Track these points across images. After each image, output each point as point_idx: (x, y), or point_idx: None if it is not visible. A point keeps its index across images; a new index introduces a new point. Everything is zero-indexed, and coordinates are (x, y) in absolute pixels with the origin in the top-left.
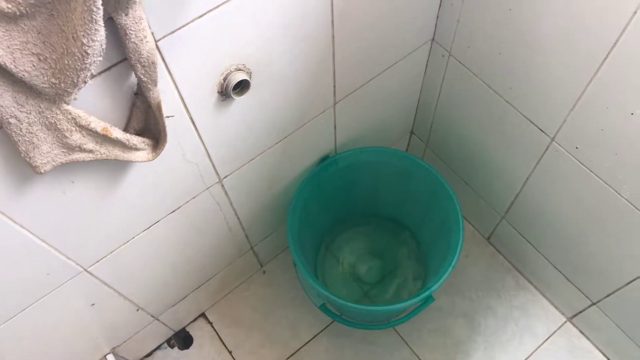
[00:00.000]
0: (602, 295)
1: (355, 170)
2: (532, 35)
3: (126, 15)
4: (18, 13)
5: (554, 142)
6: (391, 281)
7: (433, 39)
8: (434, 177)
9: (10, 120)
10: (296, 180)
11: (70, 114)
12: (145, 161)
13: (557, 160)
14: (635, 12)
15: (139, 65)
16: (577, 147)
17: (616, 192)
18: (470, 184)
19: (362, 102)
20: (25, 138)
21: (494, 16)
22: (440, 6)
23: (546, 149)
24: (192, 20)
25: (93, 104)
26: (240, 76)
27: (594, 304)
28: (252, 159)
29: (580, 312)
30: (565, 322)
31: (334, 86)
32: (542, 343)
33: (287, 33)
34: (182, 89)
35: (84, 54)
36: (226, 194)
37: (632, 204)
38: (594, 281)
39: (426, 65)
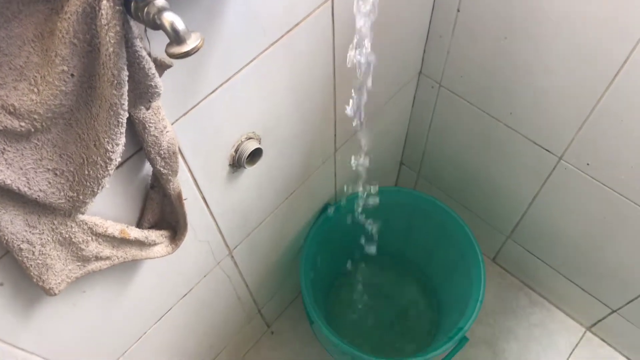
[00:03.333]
0: (623, 303)
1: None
2: (531, 61)
3: (147, 109)
4: (33, 130)
5: (562, 160)
6: (407, 322)
7: (420, 72)
8: (443, 211)
9: (21, 246)
10: (300, 233)
11: (86, 224)
12: (164, 255)
13: (567, 177)
14: None
15: (158, 158)
16: (588, 164)
17: (633, 202)
18: (470, 207)
19: (356, 147)
20: (38, 261)
21: (488, 46)
22: (427, 40)
23: (554, 169)
24: (205, 98)
25: (104, 206)
26: (253, 145)
27: (614, 311)
28: (261, 223)
29: (600, 320)
30: (585, 332)
31: (335, 134)
32: (568, 358)
33: (294, 94)
34: (194, 170)
35: (107, 160)
36: (236, 265)
37: None
38: (613, 290)
39: (414, 98)
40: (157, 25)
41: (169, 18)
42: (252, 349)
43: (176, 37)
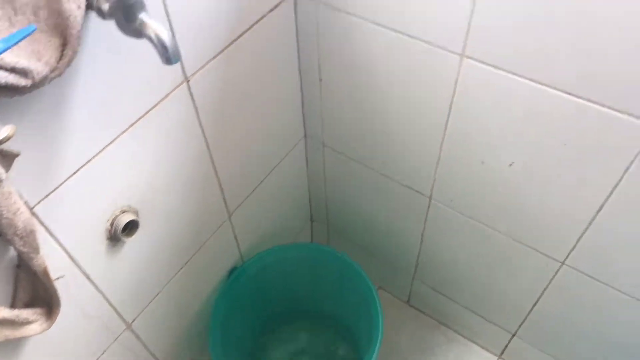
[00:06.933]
0: (517, 325)
1: (266, 273)
2: (381, 111)
3: None
4: None
5: (432, 200)
6: None
7: (305, 135)
8: (339, 259)
9: None
10: (208, 302)
11: None
12: (39, 333)
13: (440, 214)
14: (456, 81)
15: (16, 239)
16: (451, 200)
17: (495, 230)
18: (377, 254)
19: (256, 207)
20: None
21: (349, 105)
22: (303, 107)
23: (428, 208)
24: (67, 179)
25: None
26: (128, 218)
27: (513, 335)
28: (158, 293)
29: (506, 346)
30: None
31: (224, 200)
32: None
33: (168, 165)
34: (68, 246)
35: None
36: (138, 338)
37: (510, 237)
38: (506, 314)
39: (306, 158)
40: None
41: None
42: None
43: None
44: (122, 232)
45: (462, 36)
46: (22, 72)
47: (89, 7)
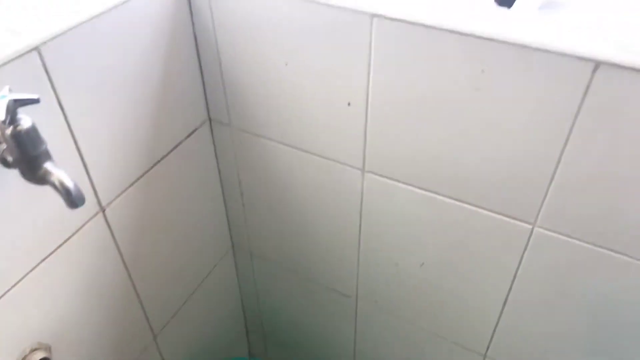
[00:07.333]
0: None
1: None
2: (304, 224)
3: None
4: None
5: (358, 301)
6: None
7: (233, 246)
8: None
9: None
10: None
11: None
12: None
13: (368, 315)
14: (362, 192)
15: None
16: (376, 301)
17: (419, 327)
18: None
19: (186, 323)
20: None
21: (271, 216)
22: (228, 219)
23: (356, 309)
24: None
25: None
26: (38, 356)
27: None
28: None
29: None
30: None
31: (148, 321)
32: None
33: (82, 294)
34: None
35: None
36: None
37: (434, 333)
38: None
39: (236, 269)
40: None
41: None
42: None
43: None
44: None
45: (360, 154)
46: None
47: None
